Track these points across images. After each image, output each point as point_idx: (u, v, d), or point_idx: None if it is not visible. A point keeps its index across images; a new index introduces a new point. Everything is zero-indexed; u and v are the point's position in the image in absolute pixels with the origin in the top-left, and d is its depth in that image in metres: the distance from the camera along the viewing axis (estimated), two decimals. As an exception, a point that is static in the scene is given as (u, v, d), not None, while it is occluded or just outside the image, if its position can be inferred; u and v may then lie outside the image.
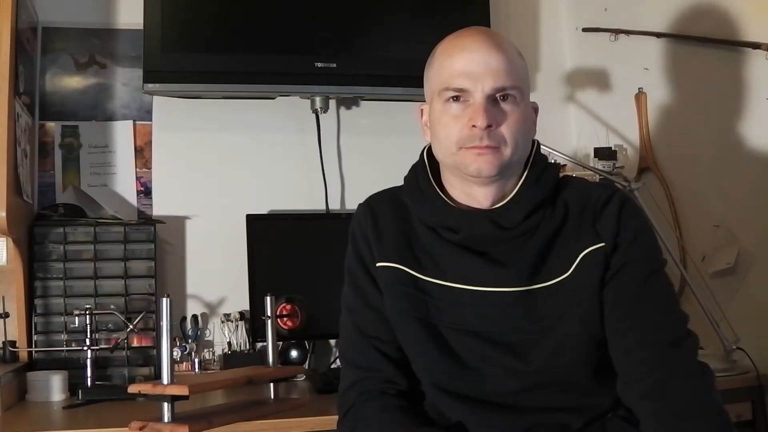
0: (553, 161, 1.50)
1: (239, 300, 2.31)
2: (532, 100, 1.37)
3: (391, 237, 1.37)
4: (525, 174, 1.33)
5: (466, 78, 1.27)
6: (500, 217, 1.30)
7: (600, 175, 2.26)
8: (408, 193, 1.40)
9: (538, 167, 1.35)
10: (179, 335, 2.30)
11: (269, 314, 1.72)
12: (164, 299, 1.45)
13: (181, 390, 1.41)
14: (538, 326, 1.27)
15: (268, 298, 1.74)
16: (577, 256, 1.27)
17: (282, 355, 2.29)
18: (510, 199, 1.32)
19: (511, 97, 1.27)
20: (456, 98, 1.28)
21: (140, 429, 1.41)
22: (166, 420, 1.43)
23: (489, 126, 1.25)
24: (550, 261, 1.28)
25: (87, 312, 2.09)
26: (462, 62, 1.28)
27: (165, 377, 1.44)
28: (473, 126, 1.26)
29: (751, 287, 2.27)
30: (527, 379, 1.28)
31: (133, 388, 1.48)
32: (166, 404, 1.43)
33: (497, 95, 1.27)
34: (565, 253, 1.28)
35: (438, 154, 1.35)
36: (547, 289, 1.27)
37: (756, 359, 2.12)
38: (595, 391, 1.30)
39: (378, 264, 1.36)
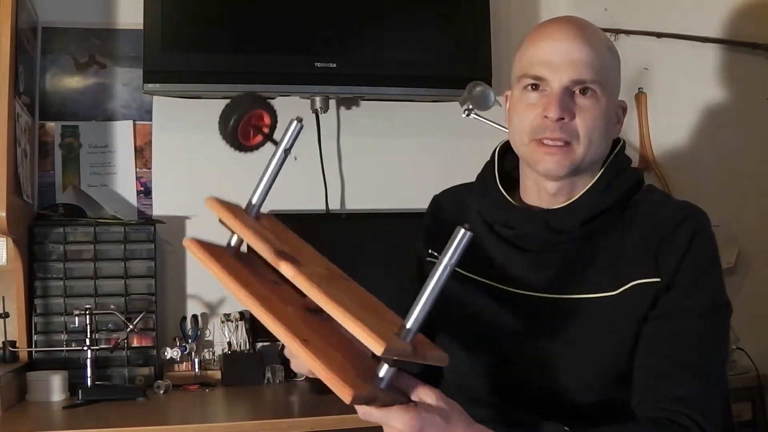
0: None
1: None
2: None
3: (446, 230, 1.35)
4: (597, 176, 1.25)
5: (546, 66, 1.21)
6: (556, 219, 1.23)
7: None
8: (476, 189, 1.36)
9: (612, 171, 1.26)
10: (179, 335, 2.30)
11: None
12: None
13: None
14: (560, 339, 1.21)
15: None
16: (628, 282, 1.19)
17: (282, 355, 2.29)
18: (571, 202, 1.24)
19: (591, 92, 1.20)
20: (534, 86, 1.22)
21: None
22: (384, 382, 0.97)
23: (561, 118, 1.18)
24: (597, 274, 1.20)
25: (87, 312, 2.09)
26: (544, 50, 1.22)
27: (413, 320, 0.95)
28: (545, 116, 1.20)
29: (751, 287, 2.28)
30: (530, 389, 1.23)
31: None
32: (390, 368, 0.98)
33: (576, 88, 1.20)
34: (615, 271, 1.20)
35: (512, 143, 1.30)
36: (585, 302, 1.20)
37: (756, 359, 2.13)
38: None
39: (428, 258, 1.37)
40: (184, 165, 2.41)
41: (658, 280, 1.18)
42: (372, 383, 0.95)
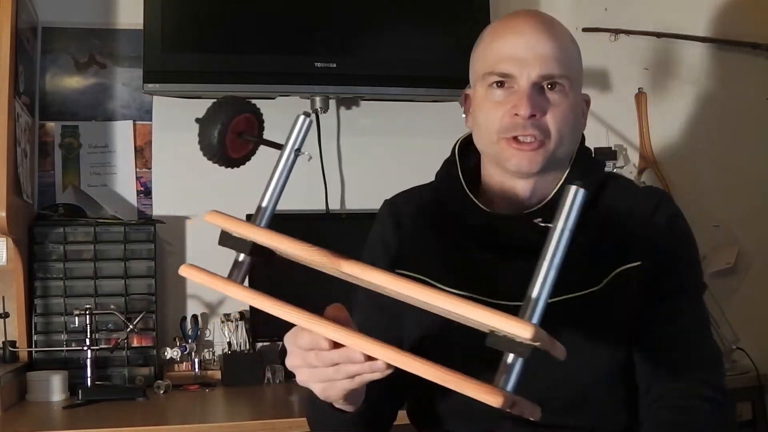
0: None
1: (238, 300, 2.30)
2: None
3: (413, 241, 1.27)
4: (567, 172, 1.22)
5: (512, 62, 1.16)
6: (529, 221, 1.14)
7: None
8: (438, 193, 1.29)
9: (581, 165, 1.23)
10: (179, 335, 2.30)
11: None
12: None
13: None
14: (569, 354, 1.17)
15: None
16: (612, 271, 1.16)
17: (282, 355, 2.29)
18: (549, 200, 1.20)
19: (559, 86, 1.17)
20: (500, 84, 1.18)
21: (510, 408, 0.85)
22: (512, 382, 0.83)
23: (533, 115, 1.14)
24: (579, 271, 1.14)
25: (87, 312, 2.09)
26: (509, 45, 1.17)
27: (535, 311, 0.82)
28: (516, 114, 1.15)
29: (751, 287, 2.28)
30: (531, 400, 1.18)
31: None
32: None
33: (544, 83, 1.16)
34: (596, 264, 1.16)
35: (478, 142, 1.24)
36: (574, 301, 1.15)
37: (756, 359, 2.13)
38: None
39: (397, 271, 1.22)
40: (184, 165, 2.41)
41: (639, 263, 1.16)
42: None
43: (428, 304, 0.83)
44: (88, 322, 2.08)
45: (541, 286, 0.82)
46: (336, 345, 0.90)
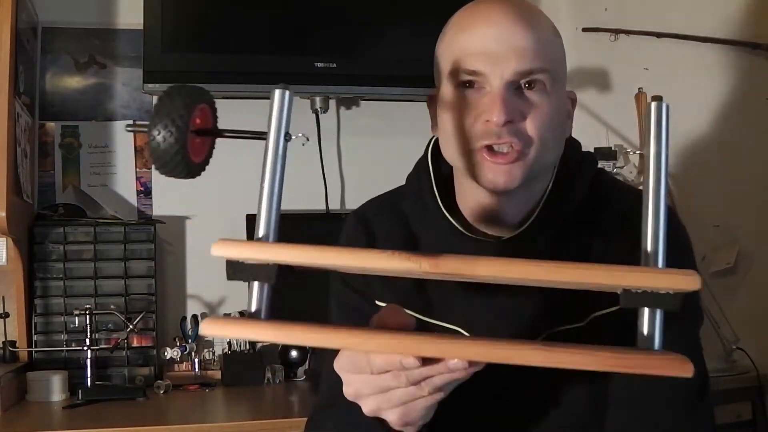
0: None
1: (239, 300, 2.30)
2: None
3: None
4: (552, 182, 1.04)
5: (482, 58, 0.96)
6: (520, 246, 1.02)
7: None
8: (410, 205, 1.14)
9: (568, 169, 1.05)
10: (179, 335, 2.30)
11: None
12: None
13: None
14: (540, 391, 1.02)
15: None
16: (590, 313, 0.99)
17: (282, 355, 2.29)
18: (532, 220, 1.03)
19: (539, 84, 0.97)
20: (469, 84, 0.98)
21: None
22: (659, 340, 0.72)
23: (509, 121, 0.95)
24: (563, 301, 0.97)
25: (87, 312, 2.09)
26: (479, 38, 0.98)
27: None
28: (488, 120, 0.96)
29: (751, 287, 2.28)
30: None
31: None
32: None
33: (521, 81, 0.97)
34: (578, 296, 0.88)
35: (446, 152, 1.05)
36: (564, 335, 0.99)
37: (756, 359, 2.13)
38: None
39: (377, 302, 1.09)
40: (184, 165, 2.41)
41: (617, 307, 0.88)
42: None
43: (556, 281, 0.70)
44: (88, 322, 2.08)
45: (654, 221, 0.72)
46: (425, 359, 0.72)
